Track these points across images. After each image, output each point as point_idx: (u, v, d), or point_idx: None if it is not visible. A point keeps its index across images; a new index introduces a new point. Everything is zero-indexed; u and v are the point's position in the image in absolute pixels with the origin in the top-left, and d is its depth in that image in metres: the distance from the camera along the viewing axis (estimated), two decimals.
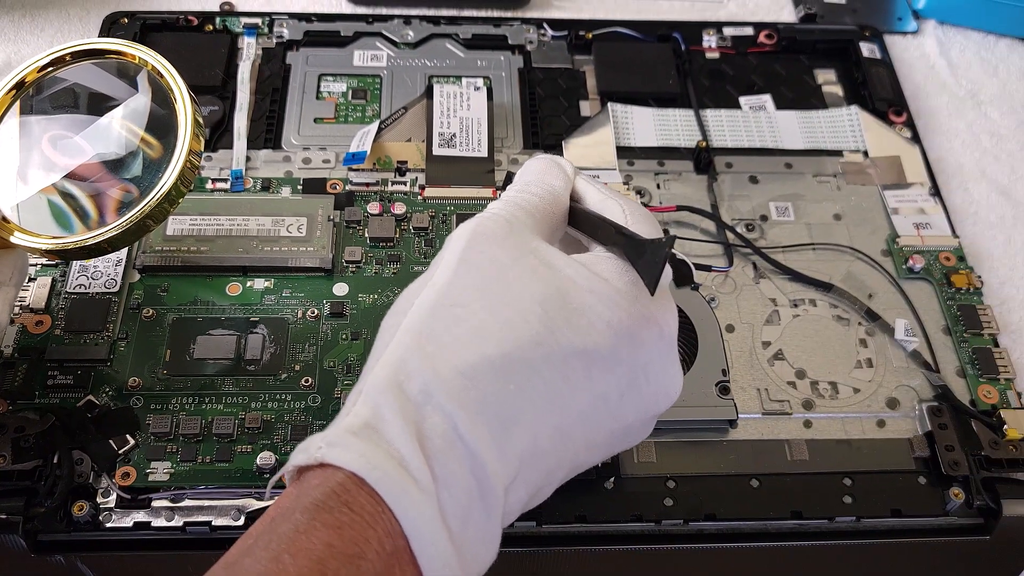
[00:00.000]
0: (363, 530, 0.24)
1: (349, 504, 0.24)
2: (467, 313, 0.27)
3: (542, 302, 0.27)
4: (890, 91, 0.53)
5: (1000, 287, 0.46)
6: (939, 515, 0.38)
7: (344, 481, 0.25)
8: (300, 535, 0.24)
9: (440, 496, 0.25)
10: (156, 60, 0.37)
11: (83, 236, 0.35)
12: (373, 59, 0.52)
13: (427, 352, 0.26)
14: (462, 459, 0.25)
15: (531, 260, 0.28)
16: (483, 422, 0.26)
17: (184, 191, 0.36)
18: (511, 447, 0.26)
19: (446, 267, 0.28)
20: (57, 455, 0.36)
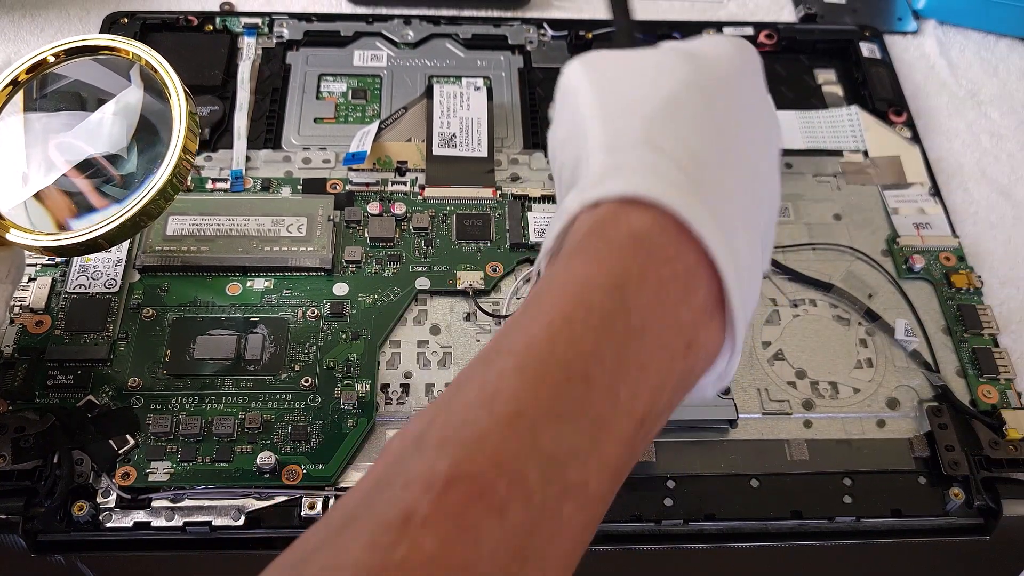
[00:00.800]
0: (633, 255, 0.25)
1: (608, 238, 0.25)
2: (626, 93, 0.29)
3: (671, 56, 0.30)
4: (890, 91, 0.53)
5: (1000, 287, 0.46)
6: (939, 515, 0.38)
7: (605, 214, 0.26)
8: (552, 282, 0.25)
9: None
10: (149, 55, 0.37)
11: (79, 232, 0.35)
12: (373, 59, 0.52)
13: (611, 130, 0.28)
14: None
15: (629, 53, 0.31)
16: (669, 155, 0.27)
17: (179, 186, 0.36)
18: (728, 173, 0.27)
19: (583, 97, 0.30)
20: (57, 455, 0.36)
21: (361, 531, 0.22)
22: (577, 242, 0.26)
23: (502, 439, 0.22)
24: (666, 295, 0.25)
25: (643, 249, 0.25)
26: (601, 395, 0.24)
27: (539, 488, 0.22)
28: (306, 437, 0.38)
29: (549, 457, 0.22)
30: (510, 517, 0.22)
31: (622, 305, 0.25)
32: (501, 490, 0.22)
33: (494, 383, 0.23)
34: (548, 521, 0.22)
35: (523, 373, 0.23)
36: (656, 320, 0.25)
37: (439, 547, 0.21)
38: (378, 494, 0.23)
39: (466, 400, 0.24)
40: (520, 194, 0.46)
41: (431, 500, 0.21)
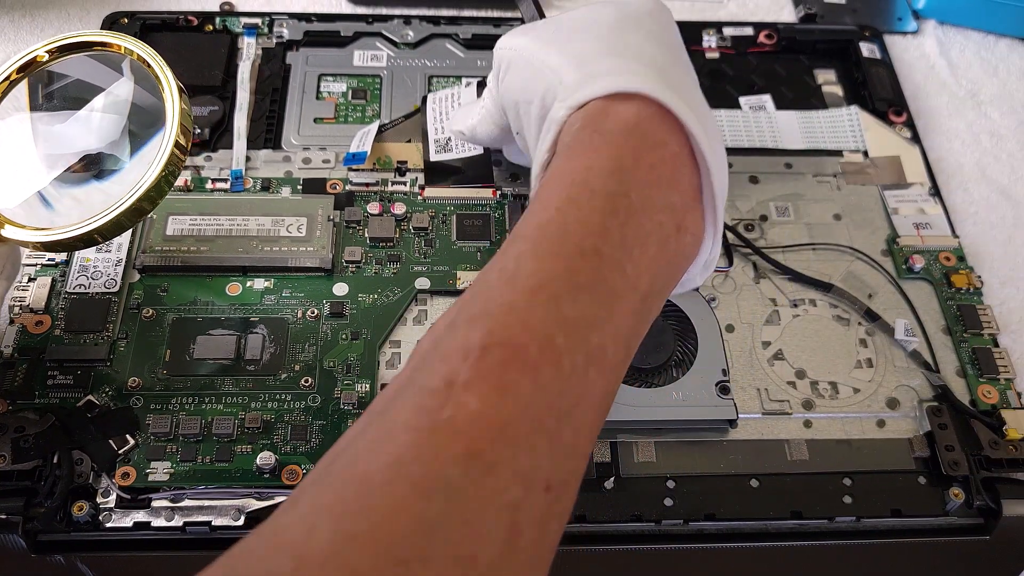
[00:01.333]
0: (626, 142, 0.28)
1: (600, 129, 0.29)
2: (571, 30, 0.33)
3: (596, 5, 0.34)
4: (890, 91, 0.53)
5: (1000, 287, 0.46)
6: (939, 515, 0.38)
7: (594, 110, 0.29)
8: (555, 174, 0.28)
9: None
10: (141, 49, 0.37)
11: (73, 227, 0.35)
12: (373, 59, 0.52)
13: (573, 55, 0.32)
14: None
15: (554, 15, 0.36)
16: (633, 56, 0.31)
17: (172, 180, 0.36)
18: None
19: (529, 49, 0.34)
20: (57, 455, 0.36)
21: (407, 400, 0.24)
22: (573, 136, 0.29)
23: (528, 309, 0.24)
24: (658, 177, 0.28)
25: (635, 136, 0.28)
26: (611, 268, 0.26)
27: (566, 351, 0.24)
28: (306, 437, 0.38)
29: (572, 324, 0.25)
30: (543, 377, 0.24)
31: (622, 187, 0.27)
32: (533, 353, 0.24)
33: (513, 265, 0.26)
34: (576, 382, 0.24)
35: (539, 252, 0.26)
36: (651, 201, 0.28)
37: (482, 405, 0.23)
38: (417, 372, 0.24)
39: (488, 283, 0.26)
40: (520, 194, 0.46)
41: (470, 365, 0.23)
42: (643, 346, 0.39)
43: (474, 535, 0.22)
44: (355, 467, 0.23)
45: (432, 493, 0.22)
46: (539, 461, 0.23)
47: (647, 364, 0.39)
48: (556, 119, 0.30)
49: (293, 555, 0.21)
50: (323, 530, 0.21)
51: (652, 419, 0.38)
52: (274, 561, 0.21)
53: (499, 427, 0.23)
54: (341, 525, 0.21)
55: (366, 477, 0.22)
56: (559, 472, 0.24)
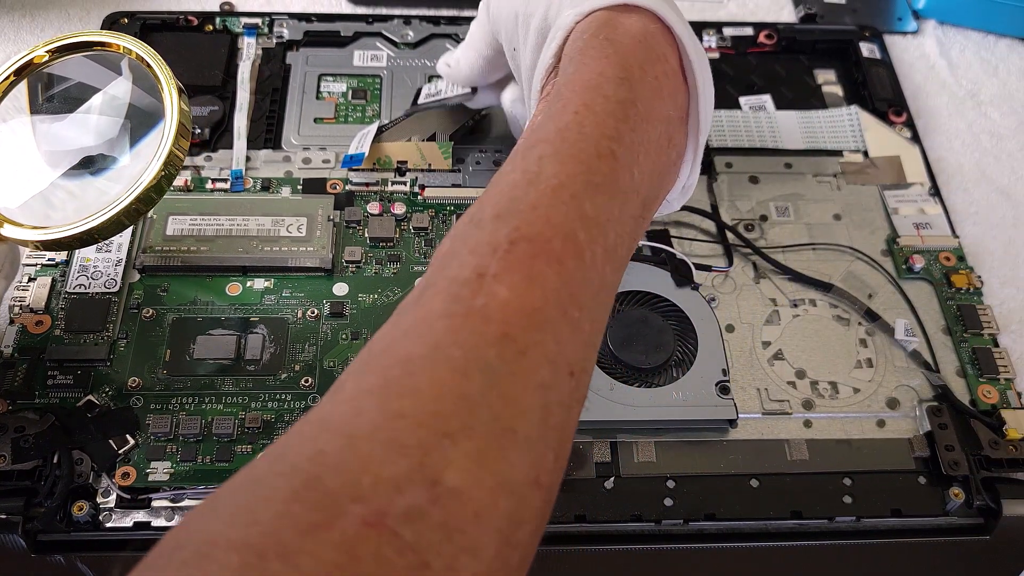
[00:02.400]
0: (633, 53, 0.30)
1: (610, 38, 0.30)
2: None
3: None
4: (890, 91, 0.53)
5: (1000, 287, 0.46)
6: (939, 515, 0.38)
7: (602, 19, 0.31)
8: (569, 79, 0.29)
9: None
10: (139, 48, 0.37)
11: (72, 225, 0.35)
12: (373, 59, 0.52)
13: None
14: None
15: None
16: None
17: (172, 178, 0.36)
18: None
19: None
20: (57, 455, 0.36)
21: (439, 291, 0.25)
22: (583, 42, 0.30)
23: (551, 206, 0.26)
24: (660, 89, 0.30)
25: (642, 48, 0.30)
26: (623, 171, 0.28)
27: (587, 245, 0.26)
28: None
29: (592, 221, 0.26)
30: (566, 269, 0.25)
31: (631, 94, 0.29)
32: (557, 247, 0.25)
33: (535, 165, 0.27)
34: (596, 275, 0.26)
35: (559, 154, 0.27)
36: (653, 111, 0.30)
37: (511, 294, 0.24)
38: (446, 266, 0.26)
39: (512, 182, 0.27)
40: None
41: (500, 258, 0.25)
42: (643, 346, 0.39)
43: (513, 410, 0.23)
44: (395, 353, 0.24)
45: (472, 373, 0.23)
46: (564, 348, 0.25)
47: (647, 364, 0.39)
48: (563, 25, 0.31)
49: (343, 433, 0.22)
50: (370, 410, 0.22)
51: (652, 419, 0.38)
52: (324, 440, 0.22)
53: (529, 314, 0.24)
54: (387, 404, 0.22)
55: (408, 360, 0.23)
56: (580, 359, 0.25)
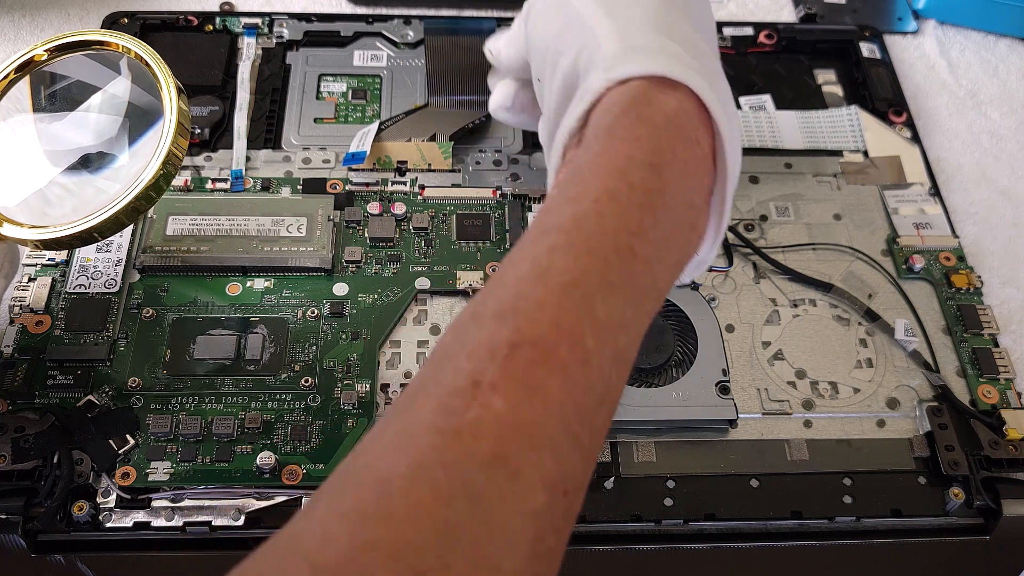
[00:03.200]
0: (666, 136, 0.27)
1: (642, 116, 0.27)
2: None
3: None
4: (890, 91, 0.53)
5: (1000, 287, 0.46)
6: (939, 515, 0.38)
7: (637, 92, 0.28)
8: (594, 159, 0.27)
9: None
10: (138, 47, 0.37)
11: (71, 224, 0.35)
12: (373, 59, 0.52)
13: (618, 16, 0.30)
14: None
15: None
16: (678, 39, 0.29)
17: (171, 177, 0.36)
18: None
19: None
20: (57, 455, 0.36)
21: (430, 399, 0.23)
22: (613, 118, 0.28)
23: (559, 307, 0.24)
24: (688, 176, 0.28)
25: (674, 129, 0.27)
26: (642, 269, 0.26)
27: (595, 353, 0.24)
28: (306, 437, 0.38)
29: (603, 325, 0.24)
30: (571, 378, 0.23)
31: (658, 182, 0.27)
32: (563, 353, 0.23)
33: (546, 258, 0.25)
34: (602, 384, 0.24)
35: (573, 247, 0.25)
36: (680, 198, 0.27)
37: (508, 407, 0.22)
38: (441, 369, 0.24)
39: (518, 275, 0.25)
40: (520, 194, 0.46)
41: (498, 365, 0.22)
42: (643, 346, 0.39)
43: (498, 544, 0.21)
44: (375, 469, 0.22)
45: (455, 499, 0.21)
46: (563, 467, 0.23)
47: (647, 364, 0.39)
48: (592, 89, 0.28)
49: (309, 562, 0.20)
50: (340, 537, 0.21)
51: (652, 419, 0.38)
52: (290, 568, 0.21)
53: (527, 430, 0.22)
54: (359, 532, 0.21)
55: (386, 480, 0.21)
56: (578, 475, 0.23)
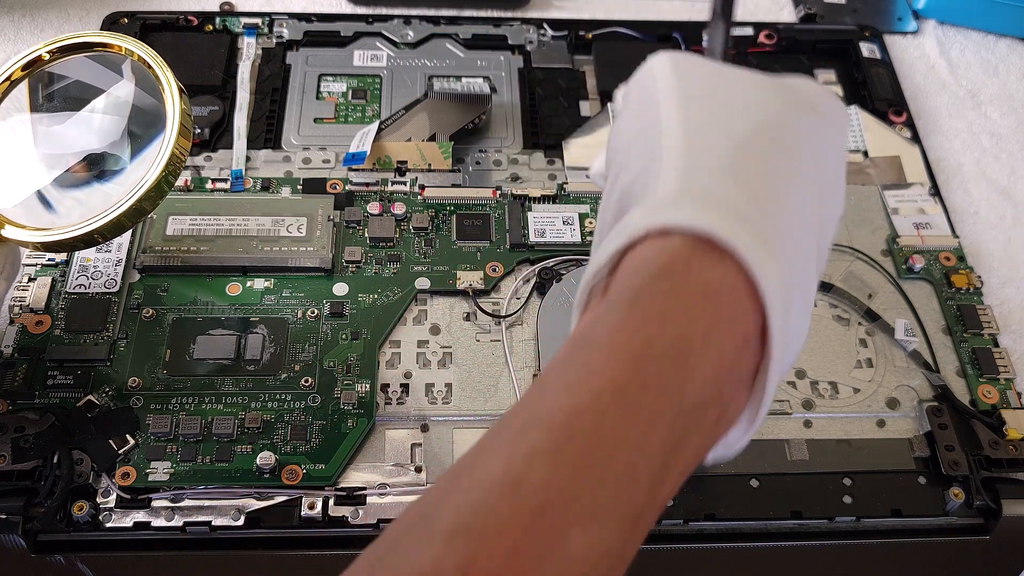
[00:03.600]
0: (701, 315, 0.22)
1: (677, 288, 0.22)
2: (715, 109, 0.26)
3: (768, 83, 0.27)
4: (890, 91, 0.53)
5: (1000, 287, 0.46)
6: (939, 515, 0.38)
7: (677, 253, 0.22)
8: (606, 335, 0.22)
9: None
10: (141, 50, 0.37)
11: (74, 227, 0.36)
12: (373, 59, 0.52)
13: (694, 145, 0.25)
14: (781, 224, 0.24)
15: (723, 67, 0.28)
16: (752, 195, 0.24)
17: (172, 180, 0.36)
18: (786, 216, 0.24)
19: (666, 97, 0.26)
20: (57, 455, 0.36)
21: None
22: (642, 283, 0.23)
23: (524, 536, 0.19)
24: (721, 364, 0.22)
25: (712, 306, 0.22)
26: (641, 491, 0.21)
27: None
28: (306, 437, 0.38)
29: (576, 561, 0.20)
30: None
31: (680, 378, 0.22)
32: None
33: (522, 463, 0.20)
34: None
35: (557, 457, 0.20)
36: (704, 393, 0.22)
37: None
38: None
39: (487, 477, 0.20)
40: (520, 194, 0.46)
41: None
42: None
43: None
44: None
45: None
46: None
47: None
48: (631, 227, 0.23)
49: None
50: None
51: None
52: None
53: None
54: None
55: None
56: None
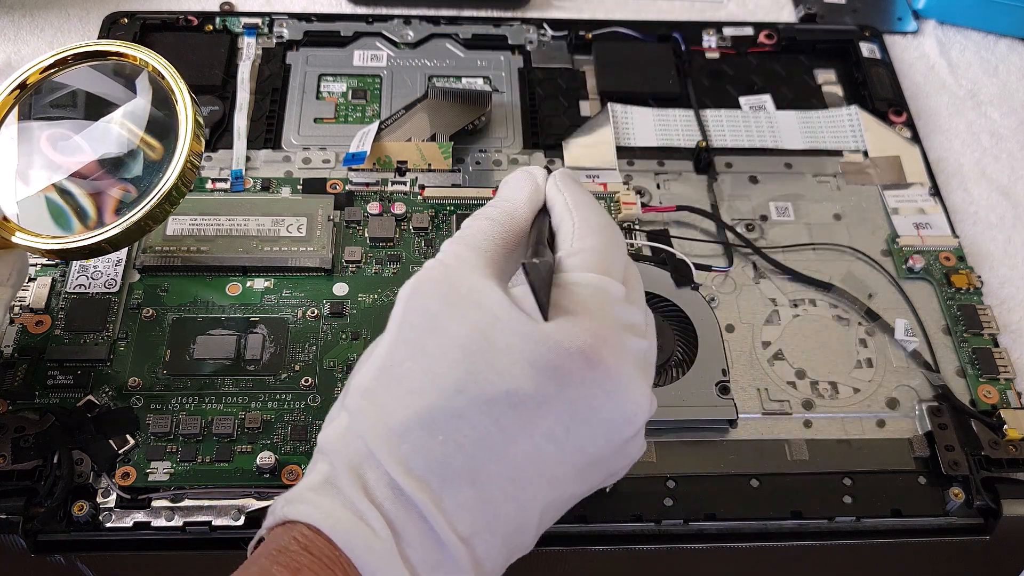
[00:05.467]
0: (322, 571, 0.25)
1: (308, 549, 0.25)
2: (402, 371, 0.27)
3: (463, 347, 0.27)
4: (890, 91, 0.53)
5: (1000, 287, 0.46)
6: (939, 515, 0.38)
7: (304, 531, 0.26)
8: (261, 572, 0.25)
9: (401, 547, 0.25)
10: (157, 61, 0.37)
11: (84, 236, 0.35)
12: (373, 59, 0.52)
13: (367, 413, 0.27)
14: (408, 512, 0.26)
15: (461, 304, 0.27)
16: (418, 475, 0.26)
17: (184, 191, 0.36)
18: (454, 497, 0.26)
19: (389, 327, 0.29)
20: (57, 455, 0.36)
21: None
22: (277, 547, 0.26)
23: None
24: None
25: (332, 569, 0.25)
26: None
27: None
28: (306, 437, 0.38)
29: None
30: None
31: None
32: None
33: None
34: None
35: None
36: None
37: None
38: None
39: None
40: None
41: None
42: None
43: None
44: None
45: None
46: None
47: None
48: (272, 516, 0.27)
49: None
50: None
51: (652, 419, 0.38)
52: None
53: None
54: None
55: None
56: None
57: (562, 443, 0.27)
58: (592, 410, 0.27)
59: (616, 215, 0.46)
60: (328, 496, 0.26)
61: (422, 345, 0.27)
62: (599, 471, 0.29)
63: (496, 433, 0.26)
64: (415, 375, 0.27)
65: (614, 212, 0.46)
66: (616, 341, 0.27)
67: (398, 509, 0.26)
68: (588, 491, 0.30)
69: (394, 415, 0.27)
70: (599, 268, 0.29)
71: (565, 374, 0.26)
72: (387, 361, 0.28)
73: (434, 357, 0.27)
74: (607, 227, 0.30)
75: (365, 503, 0.26)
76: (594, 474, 0.29)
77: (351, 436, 0.27)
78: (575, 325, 0.27)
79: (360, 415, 0.27)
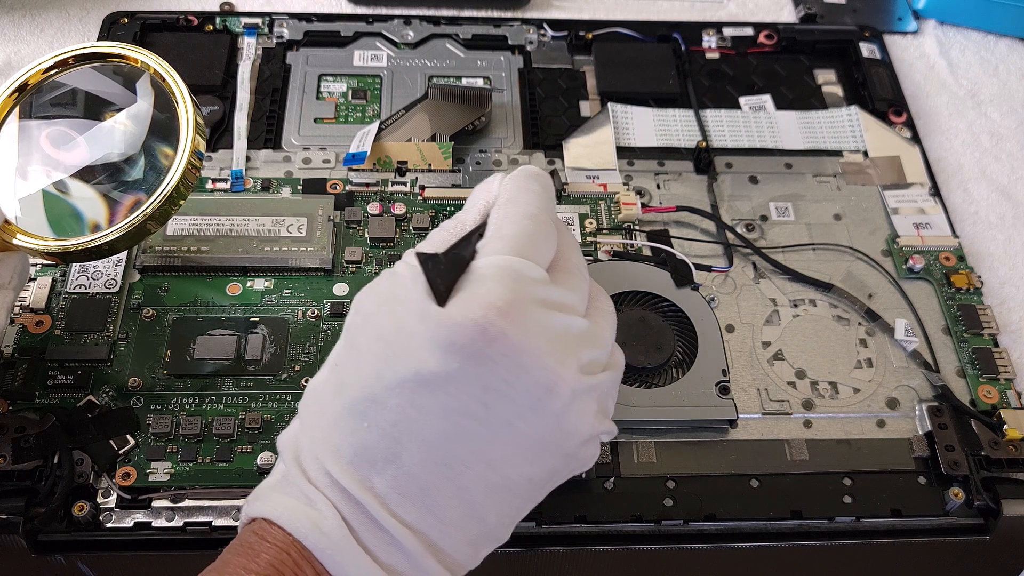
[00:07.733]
0: (276, 554, 0.27)
1: (265, 539, 0.27)
2: (340, 369, 0.30)
3: (382, 337, 0.28)
4: (890, 91, 0.53)
5: (1000, 287, 0.46)
6: (939, 515, 0.38)
7: (263, 524, 0.28)
8: (223, 564, 0.27)
9: (353, 532, 0.27)
10: (158, 64, 0.37)
11: (85, 238, 0.36)
12: (373, 59, 0.52)
13: (311, 411, 0.30)
14: (347, 497, 0.28)
15: (391, 302, 0.29)
16: (346, 462, 0.28)
17: (186, 193, 0.36)
18: (383, 480, 0.28)
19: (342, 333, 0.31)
20: (57, 455, 0.36)
21: None
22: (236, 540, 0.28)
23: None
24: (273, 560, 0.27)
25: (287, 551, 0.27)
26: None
27: None
28: None
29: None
30: None
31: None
32: None
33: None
34: None
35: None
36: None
37: None
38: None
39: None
40: None
41: None
42: (643, 346, 0.39)
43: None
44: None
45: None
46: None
47: (647, 364, 0.39)
48: (245, 514, 0.29)
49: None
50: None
51: (652, 419, 0.38)
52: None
53: None
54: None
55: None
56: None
57: (485, 420, 0.27)
58: (507, 383, 0.27)
59: (616, 215, 0.46)
60: (282, 491, 0.28)
61: (355, 343, 0.29)
62: (549, 451, 0.29)
63: (413, 414, 0.27)
64: (348, 370, 0.29)
65: (614, 212, 0.46)
66: (519, 313, 0.27)
67: (337, 496, 0.28)
68: (550, 475, 0.30)
69: (329, 409, 0.29)
70: (511, 253, 0.29)
71: (464, 348, 0.27)
72: (333, 362, 0.30)
73: (361, 350, 0.29)
74: (532, 217, 0.31)
75: (314, 492, 0.28)
76: (546, 454, 0.29)
77: (300, 434, 0.30)
78: (471, 301, 0.27)
79: (305, 413, 0.30)
